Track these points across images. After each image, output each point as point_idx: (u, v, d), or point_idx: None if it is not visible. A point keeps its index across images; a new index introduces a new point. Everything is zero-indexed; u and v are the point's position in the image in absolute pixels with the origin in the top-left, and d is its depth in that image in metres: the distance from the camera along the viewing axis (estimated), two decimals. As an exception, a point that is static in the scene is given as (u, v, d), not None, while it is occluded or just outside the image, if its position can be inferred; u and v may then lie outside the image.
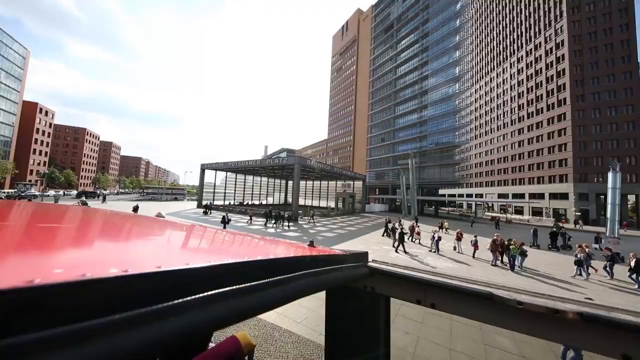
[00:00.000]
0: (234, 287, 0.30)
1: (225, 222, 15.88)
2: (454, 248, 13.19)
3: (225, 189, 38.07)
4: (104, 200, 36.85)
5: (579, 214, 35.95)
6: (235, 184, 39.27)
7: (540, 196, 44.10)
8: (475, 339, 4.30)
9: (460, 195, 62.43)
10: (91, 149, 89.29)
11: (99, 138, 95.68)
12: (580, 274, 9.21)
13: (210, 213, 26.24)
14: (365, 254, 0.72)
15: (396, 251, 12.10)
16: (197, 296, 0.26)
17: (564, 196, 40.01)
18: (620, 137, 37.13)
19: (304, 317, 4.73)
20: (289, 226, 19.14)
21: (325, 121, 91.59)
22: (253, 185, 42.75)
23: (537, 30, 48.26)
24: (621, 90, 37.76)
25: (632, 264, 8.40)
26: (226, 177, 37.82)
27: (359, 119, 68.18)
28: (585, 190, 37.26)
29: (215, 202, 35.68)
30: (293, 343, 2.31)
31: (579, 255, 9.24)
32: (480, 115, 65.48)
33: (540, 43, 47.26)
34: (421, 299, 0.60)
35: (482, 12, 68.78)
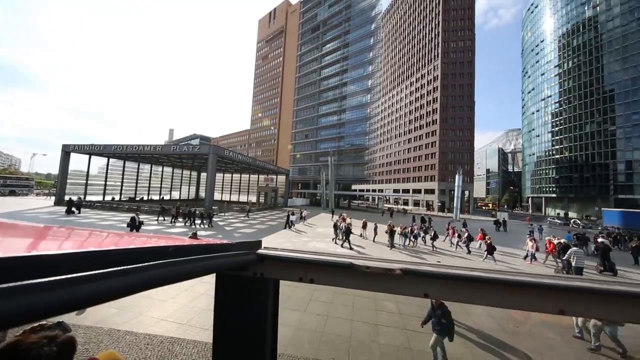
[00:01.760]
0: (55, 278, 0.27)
1: (135, 225, 12.15)
2: (360, 235, 15.40)
3: (106, 180, 29.25)
4: None
5: (440, 204, 50.08)
6: (123, 175, 30.68)
7: (419, 191, 58.01)
8: (370, 307, 5.15)
9: (368, 191, 73.47)
10: None
11: None
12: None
13: (79, 212, 19.42)
14: (257, 242, 0.76)
15: (341, 246, 12.66)
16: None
17: (432, 191, 54.20)
18: (462, 151, 53.70)
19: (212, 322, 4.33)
20: (202, 223, 16.82)
21: (248, 110, 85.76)
22: (151, 177, 34.81)
23: (425, 62, 62.35)
24: (465, 119, 54.48)
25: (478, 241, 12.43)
26: (108, 164, 29.01)
27: (285, 113, 67.86)
28: (444, 187, 51.81)
29: (90, 198, 26.89)
30: (199, 352, 2.04)
31: (453, 240, 12.94)
32: (384, 124, 78.79)
33: (425, 73, 61.39)
34: (303, 276, 0.69)
35: (389, 37, 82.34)
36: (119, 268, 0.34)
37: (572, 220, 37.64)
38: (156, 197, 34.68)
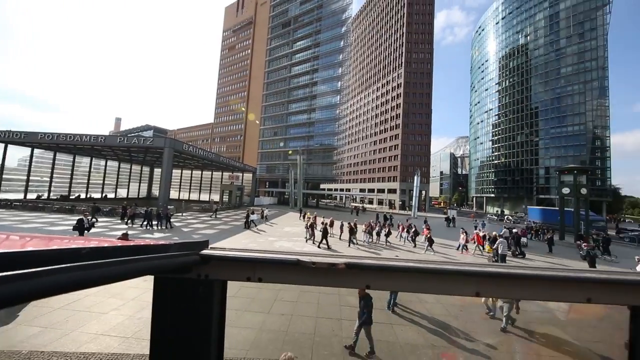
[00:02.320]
0: None
1: (84, 228, 10.39)
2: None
3: (28, 175, 24.42)
4: None
5: (401, 202, 53.90)
6: (53, 169, 25.94)
7: (383, 191, 61.53)
8: (334, 303, 5.29)
9: (336, 190, 75.23)
10: None
11: None
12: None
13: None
14: (202, 242, 0.71)
15: (319, 246, 12.66)
16: None
17: (394, 191, 58.02)
18: (420, 154, 58.63)
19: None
20: (159, 225, 15.19)
21: (212, 102, 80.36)
22: (90, 172, 30.15)
23: (390, 69, 66.13)
24: (423, 125, 59.51)
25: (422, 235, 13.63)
26: (32, 156, 24.20)
27: (253, 108, 65.27)
28: (405, 187, 55.89)
29: (4, 196, 22.13)
30: None
31: (403, 235, 14.01)
32: (352, 125, 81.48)
33: (390, 80, 65.18)
34: (251, 276, 0.68)
35: (358, 42, 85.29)
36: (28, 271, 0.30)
37: (505, 217, 44.27)
38: (97, 196, 30.20)
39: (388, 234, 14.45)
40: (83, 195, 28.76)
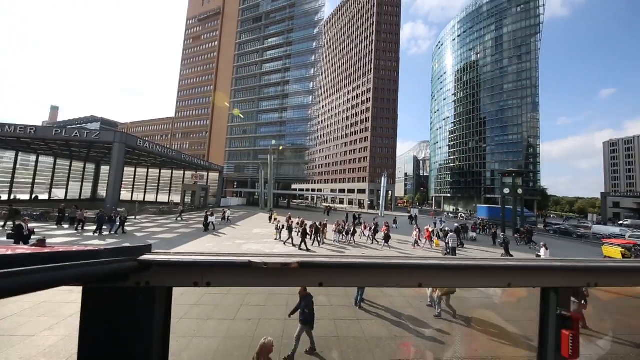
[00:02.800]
0: None
1: (22, 236, 8.81)
2: (297, 233, 15.61)
3: None
4: None
5: (369, 202, 56.27)
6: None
7: (353, 191, 63.51)
8: (323, 305, 5.27)
9: (308, 190, 75.31)
10: None
11: None
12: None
13: None
14: (142, 247, 0.66)
15: (299, 248, 12.36)
16: None
17: (363, 191, 60.33)
18: (387, 157, 62.02)
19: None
20: (111, 229, 13.43)
21: (173, 95, 74.44)
22: (16, 168, 25.31)
23: (361, 74, 68.55)
24: (390, 129, 63.05)
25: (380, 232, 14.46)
26: None
27: (220, 104, 61.80)
28: (373, 188, 58.49)
29: None
30: None
31: (365, 233, 14.60)
32: (324, 126, 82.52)
33: (361, 84, 67.60)
34: (198, 281, 0.64)
35: (330, 45, 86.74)
36: None
37: (459, 214, 49.38)
38: (25, 197, 25.50)
39: (353, 233, 15.03)
40: (5, 197, 24.01)
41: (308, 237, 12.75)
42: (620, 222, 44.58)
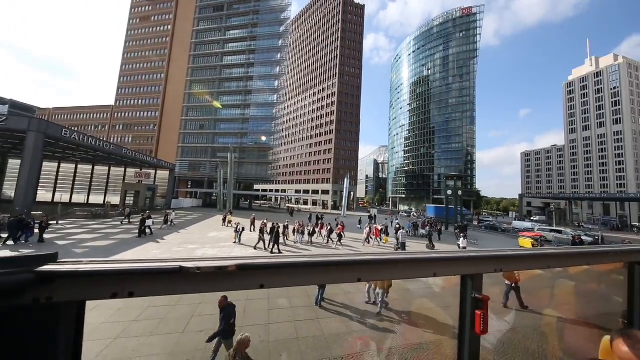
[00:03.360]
0: None
1: None
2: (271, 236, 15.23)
3: None
4: None
5: (333, 203, 57.69)
6: None
7: (317, 192, 64.27)
8: (262, 308, 5.16)
9: (271, 191, 73.43)
10: None
11: None
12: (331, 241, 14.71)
13: None
14: (44, 256, 0.54)
15: (271, 252, 11.75)
16: None
17: (327, 192, 61.59)
18: (350, 159, 64.64)
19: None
20: (21, 237, 10.81)
21: (113, 81, 64.28)
22: None
23: (326, 77, 69.89)
24: (353, 132, 65.87)
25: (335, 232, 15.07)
26: None
27: (172, 95, 55.87)
28: (336, 189, 60.18)
29: None
30: None
31: (322, 233, 14.98)
32: (289, 127, 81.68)
33: (326, 87, 68.97)
34: (118, 291, 0.55)
35: (296, 45, 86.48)
36: None
37: (411, 213, 54.37)
38: None
39: (312, 233, 15.25)
40: None
41: (268, 239, 12.44)
42: (532, 218, 54.94)
